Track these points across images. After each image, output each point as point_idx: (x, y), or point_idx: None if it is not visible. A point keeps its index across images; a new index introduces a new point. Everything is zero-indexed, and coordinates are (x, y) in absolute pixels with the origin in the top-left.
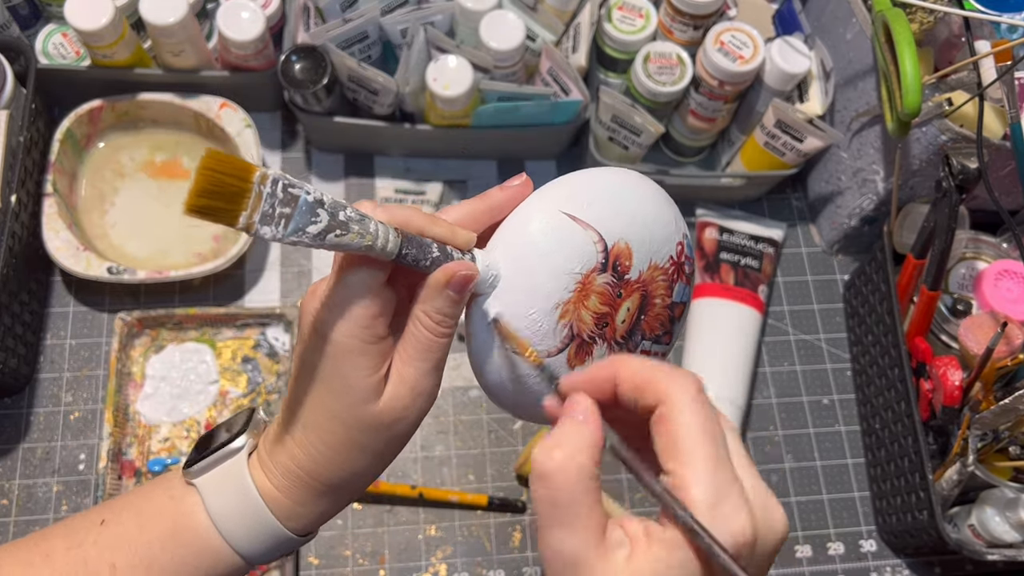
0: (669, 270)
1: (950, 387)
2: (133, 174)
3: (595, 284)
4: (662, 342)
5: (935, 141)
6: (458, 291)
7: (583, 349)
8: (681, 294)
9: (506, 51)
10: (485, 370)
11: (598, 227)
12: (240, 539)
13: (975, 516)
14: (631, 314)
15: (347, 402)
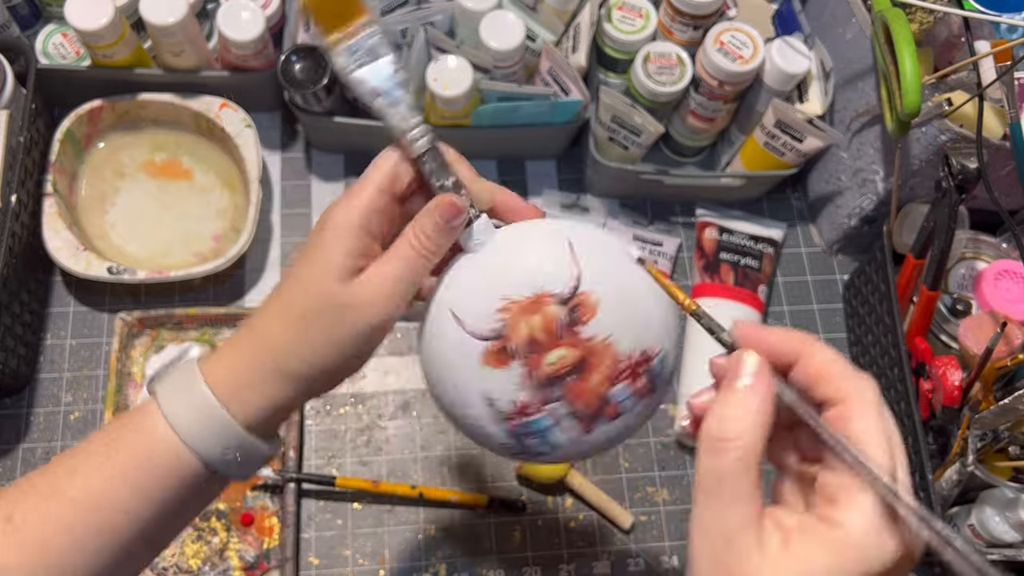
0: (622, 364)
1: (950, 387)
2: (133, 174)
3: (547, 307)
4: (578, 427)
5: (935, 141)
6: (445, 218)
7: (501, 356)
8: (622, 396)
9: (506, 51)
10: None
11: (584, 272)
12: (188, 430)
13: (975, 516)
14: (562, 364)
15: (319, 272)
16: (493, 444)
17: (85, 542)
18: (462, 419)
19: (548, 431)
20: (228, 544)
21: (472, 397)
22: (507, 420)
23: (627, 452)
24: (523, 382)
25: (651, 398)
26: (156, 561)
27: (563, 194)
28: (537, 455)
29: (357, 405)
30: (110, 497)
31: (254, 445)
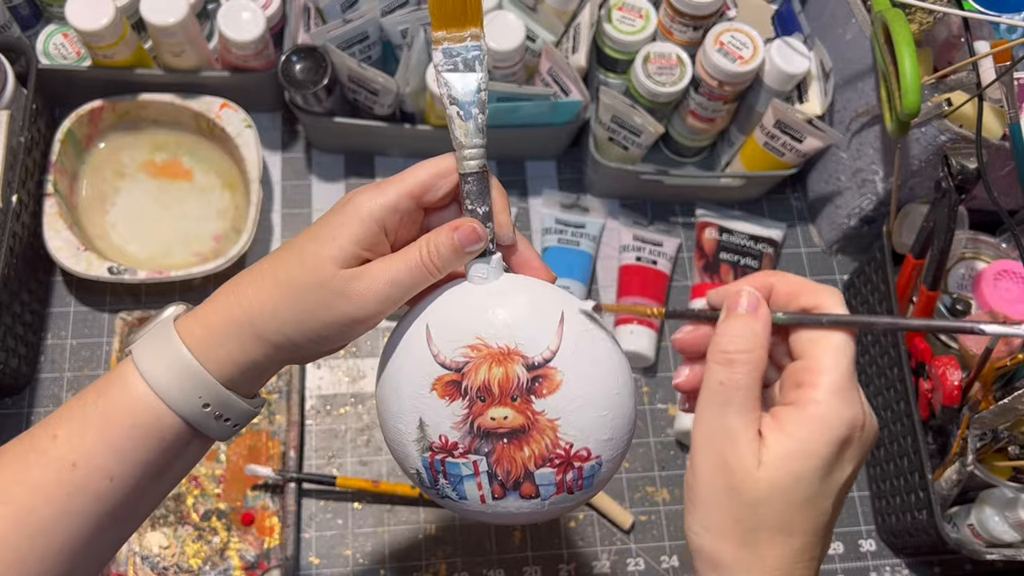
0: (556, 452)
1: (949, 387)
2: (134, 174)
3: (513, 364)
4: (490, 489)
5: (934, 141)
6: (463, 242)
7: (450, 389)
8: (545, 480)
9: (506, 51)
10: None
11: (563, 351)
12: (165, 387)
13: (974, 516)
14: (502, 424)
15: (322, 251)
16: (407, 466)
17: (69, 509)
18: (392, 429)
19: (462, 481)
20: (229, 544)
21: (409, 414)
22: (430, 451)
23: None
24: (460, 423)
25: (570, 497)
26: (156, 561)
27: (563, 194)
28: (442, 498)
29: (357, 405)
30: (92, 462)
31: (231, 400)
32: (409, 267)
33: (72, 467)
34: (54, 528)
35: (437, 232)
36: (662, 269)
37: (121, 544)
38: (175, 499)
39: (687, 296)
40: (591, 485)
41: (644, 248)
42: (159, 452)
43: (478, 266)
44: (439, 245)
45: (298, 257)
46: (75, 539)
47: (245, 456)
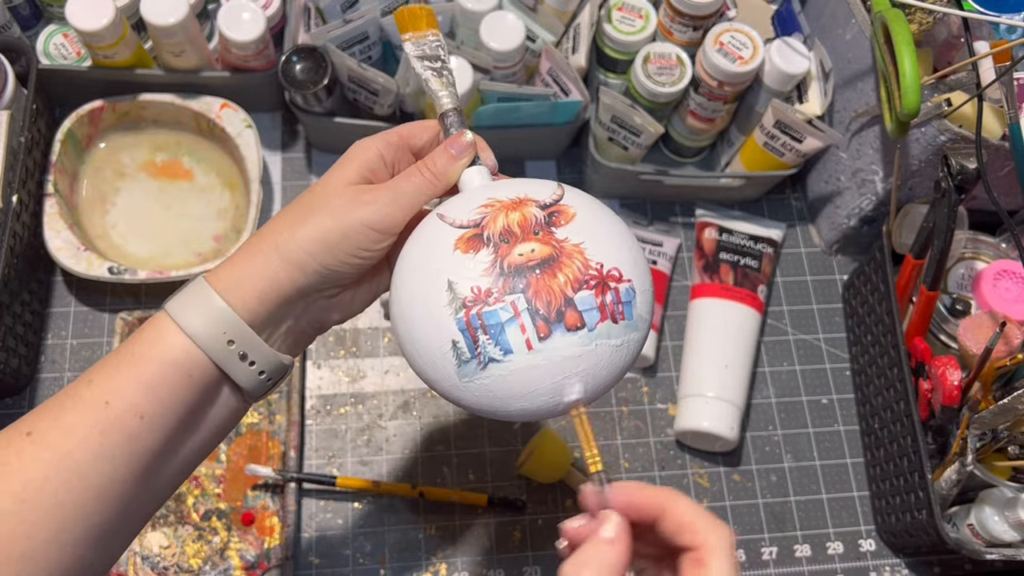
0: (590, 272)
1: (949, 387)
2: (134, 174)
3: (528, 207)
4: (534, 328)
5: (934, 141)
6: (457, 151)
7: (473, 242)
8: (586, 305)
9: (506, 52)
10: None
11: (568, 195)
12: (190, 324)
13: (974, 516)
14: (531, 257)
15: (332, 177)
16: (441, 343)
17: (103, 449)
18: (420, 312)
19: (503, 329)
20: (229, 544)
21: (434, 282)
22: (464, 308)
23: (627, 452)
24: (489, 268)
25: (615, 328)
26: (157, 561)
27: None
28: (486, 367)
29: (357, 405)
30: (124, 400)
31: (255, 340)
32: (410, 178)
33: (105, 405)
34: (90, 471)
35: (431, 156)
36: (662, 269)
37: (154, 507)
38: (175, 499)
39: (686, 296)
40: (631, 316)
41: (644, 248)
42: (188, 391)
43: (470, 171)
44: (434, 155)
45: (311, 190)
46: (111, 485)
47: (245, 456)
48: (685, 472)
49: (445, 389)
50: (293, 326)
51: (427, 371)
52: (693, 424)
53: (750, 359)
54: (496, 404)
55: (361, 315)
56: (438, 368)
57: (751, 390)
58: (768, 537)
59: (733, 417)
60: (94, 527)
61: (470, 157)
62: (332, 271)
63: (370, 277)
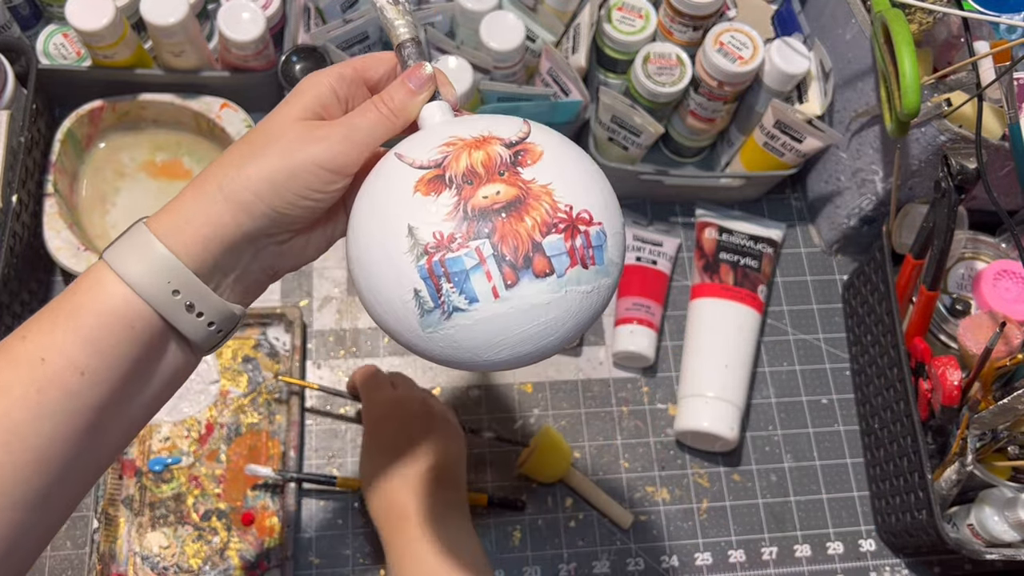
0: (559, 215)
1: (949, 387)
2: (134, 174)
3: (492, 145)
4: (501, 276)
5: (934, 141)
6: (416, 85)
7: (435, 184)
8: (555, 250)
9: (506, 52)
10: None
11: (535, 132)
12: (130, 272)
13: (974, 516)
14: (496, 200)
15: (283, 111)
16: (403, 292)
17: (41, 408)
18: (380, 259)
19: (468, 277)
20: (229, 544)
21: (394, 226)
22: (426, 255)
23: (627, 452)
24: (452, 212)
25: (585, 274)
26: (156, 561)
27: None
28: (450, 317)
29: (357, 405)
30: (61, 356)
31: (202, 289)
32: (365, 114)
33: (41, 362)
34: (27, 431)
35: (389, 90)
36: (662, 269)
37: (100, 468)
38: (175, 499)
39: (687, 296)
40: (602, 260)
41: (644, 248)
42: (131, 344)
43: (430, 106)
44: (390, 89)
45: (259, 128)
46: (50, 445)
47: (245, 456)
48: (685, 472)
49: (407, 340)
50: (242, 274)
51: (388, 321)
52: (693, 424)
53: (750, 359)
54: (462, 355)
55: (361, 315)
56: (399, 318)
57: (751, 390)
58: (768, 537)
59: (733, 417)
60: (34, 490)
61: (430, 91)
62: (281, 214)
63: (324, 221)
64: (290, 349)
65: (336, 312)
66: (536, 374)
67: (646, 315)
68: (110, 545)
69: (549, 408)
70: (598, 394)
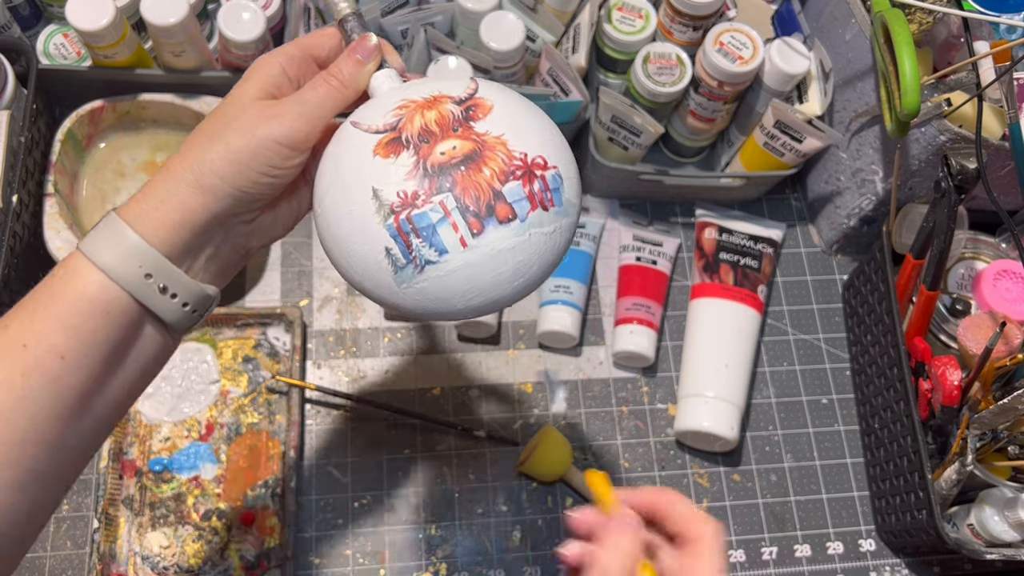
0: (514, 163)
1: (949, 387)
2: (134, 174)
3: (443, 104)
4: (467, 226)
5: (934, 141)
6: (363, 55)
7: (392, 146)
8: (515, 196)
9: (506, 52)
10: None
11: (482, 88)
12: (104, 259)
13: (974, 516)
14: (453, 154)
15: (237, 93)
16: (374, 252)
17: (25, 392)
18: (348, 225)
19: (435, 230)
20: (229, 543)
21: (358, 191)
22: (393, 214)
23: (627, 452)
24: (412, 171)
25: (546, 216)
26: (157, 561)
27: None
28: (422, 269)
29: (357, 404)
30: (42, 342)
31: (173, 271)
32: (315, 87)
33: (23, 348)
34: (13, 415)
35: (337, 63)
36: (662, 269)
37: (88, 450)
38: (175, 499)
39: (687, 296)
40: (560, 202)
41: (644, 248)
42: (109, 328)
43: (378, 75)
44: (338, 62)
45: (215, 113)
46: (36, 428)
47: (245, 456)
48: (685, 472)
49: (383, 297)
50: (214, 254)
51: (363, 282)
52: (693, 424)
53: (750, 359)
54: (437, 306)
55: (361, 315)
56: (374, 277)
57: (751, 390)
58: (768, 537)
59: (733, 417)
60: (23, 471)
61: (377, 61)
62: (245, 192)
63: (288, 196)
64: (290, 349)
65: (336, 312)
66: (536, 374)
67: (646, 315)
68: (110, 545)
69: (549, 408)
70: (598, 394)
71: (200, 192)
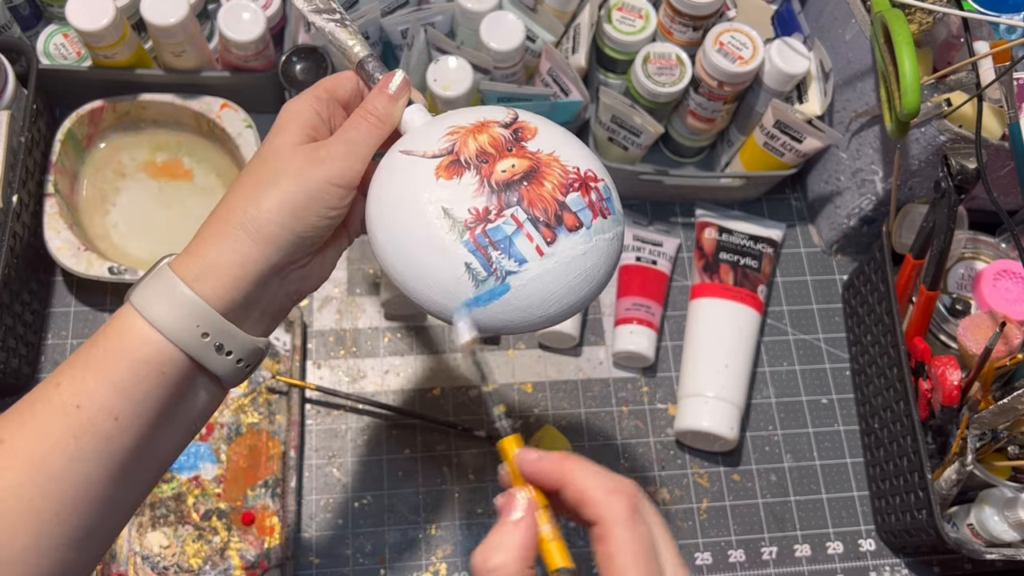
0: (571, 176)
1: (949, 387)
2: (134, 174)
3: (492, 128)
4: (540, 235)
5: (934, 141)
6: (386, 84)
7: (454, 168)
8: (578, 205)
9: (506, 52)
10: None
11: (521, 113)
12: (160, 318)
13: (974, 515)
14: (514, 171)
15: (278, 141)
16: (453, 268)
17: (77, 454)
18: (422, 246)
19: (512, 242)
20: (229, 543)
21: (429, 213)
22: (468, 229)
23: (627, 452)
24: (479, 188)
25: (605, 223)
26: (157, 560)
27: None
28: (504, 280)
29: (357, 404)
30: (96, 402)
31: (230, 329)
32: (357, 126)
33: (77, 409)
34: (65, 475)
35: (368, 100)
36: (662, 269)
37: (135, 504)
38: (175, 499)
39: (686, 296)
40: (613, 210)
41: (644, 248)
42: (163, 388)
43: (410, 109)
44: (372, 99)
45: (260, 160)
46: (87, 487)
47: (245, 456)
48: (685, 472)
49: (463, 317)
50: (269, 304)
51: (441, 301)
52: (693, 424)
53: (750, 359)
54: (518, 315)
55: (361, 315)
56: (456, 293)
57: (751, 390)
58: (768, 537)
59: (733, 417)
60: (73, 530)
61: (407, 96)
62: (303, 238)
63: (333, 239)
64: (290, 349)
65: (336, 312)
66: (536, 374)
67: (646, 315)
68: None
69: (549, 408)
70: (598, 394)
71: (260, 243)
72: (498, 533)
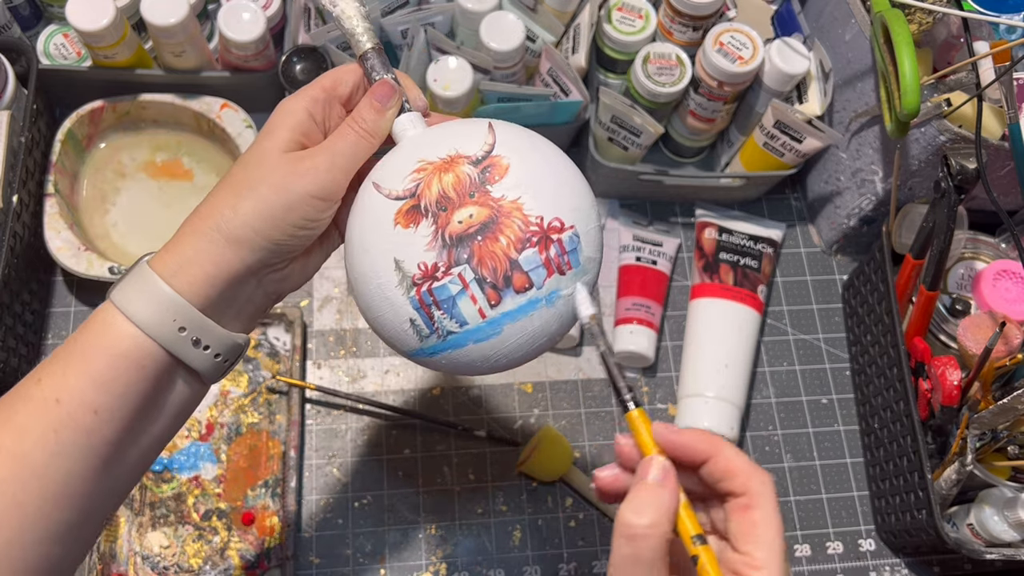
0: (531, 229)
1: (949, 387)
2: (134, 174)
3: (460, 166)
4: (485, 297)
5: (934, 141)
6: (380, 99)
7: (412, 215)
8: (531, 264)
9: (506, 52)
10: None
11: (499, 143)
12: (138, 313)
13: (974, 515)
14: (470, 223)
15: (264, 145)
16: (400, 321)
17: (58, 449)
18: (375, 292)
19: (455, 303)
20: (229, 543)
21: (383, 262)
22: (415, 286)
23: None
24: (431, 242)
25: (563, 279)
26: (157, 560)
27: None
28: (446, 339)
29: (357, 404)
30: (75, 397)
31: (206, 323)
32: (344, 137)
33: (57, 403)
34: (47, 470)
35: (357, 109)
36: (662, 269)
37: (119, 498)
38: (175, 499)
39: (686, 296)
40: (578, 262)
41: (644, 248)
42: (142, 382)
43: (401, 119)
44: (360, 110)
45: (244, 162)
46: (69, 482)
47: (245, 456)
48: None
49: (411, 358)
50: (246, 303)
51: (394, 344)
52: (693, 424)
53: (750, 359)
54: (463, 368)
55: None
56: (403, 342)
57: (751, 390)
58: None
59: (733, 417)
60: (56, 524)
61: (398, 105)
62: (280, 244)
63: (319, 243)
64: (290, 349)
65: (336, 312)
66: (536, 374)
67: (646, 315)
68: (110, 545)
69: (549, 408)
70: (598, 394)
71: (234, 245)
72: (645, 493)
